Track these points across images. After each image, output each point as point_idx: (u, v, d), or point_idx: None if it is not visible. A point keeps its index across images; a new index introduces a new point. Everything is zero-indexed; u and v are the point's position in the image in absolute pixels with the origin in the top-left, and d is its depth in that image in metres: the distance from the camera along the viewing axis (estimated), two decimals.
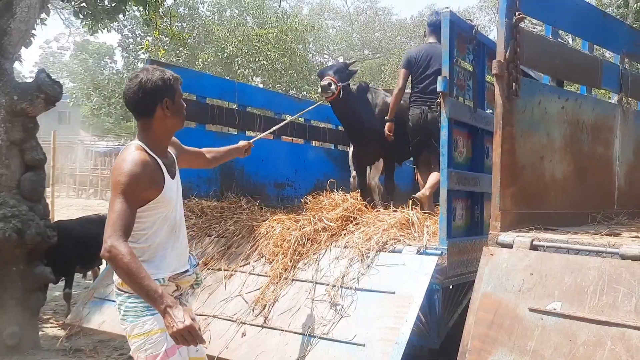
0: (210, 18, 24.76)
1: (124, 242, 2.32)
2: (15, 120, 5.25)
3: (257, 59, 21.75)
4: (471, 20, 3.74)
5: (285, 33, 22.64)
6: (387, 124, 5.09)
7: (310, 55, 26.44)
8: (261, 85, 22.88)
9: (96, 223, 6.91)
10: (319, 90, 4.93)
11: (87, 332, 4.35)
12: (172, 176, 2.67)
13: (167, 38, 11.73)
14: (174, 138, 2.84)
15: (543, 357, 2.57)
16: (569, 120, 3.48)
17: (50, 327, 6.37)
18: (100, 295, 4.09)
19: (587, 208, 3.67)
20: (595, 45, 4.06)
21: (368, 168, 5.56)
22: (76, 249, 6.25)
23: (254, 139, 3.53)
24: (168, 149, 2.75)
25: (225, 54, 21.73)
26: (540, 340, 2.61)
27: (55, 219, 12.13)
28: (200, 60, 21.67)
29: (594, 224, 3.55)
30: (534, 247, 2.85)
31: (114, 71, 30.69)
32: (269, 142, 6.24)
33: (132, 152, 2.52)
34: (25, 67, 73.14)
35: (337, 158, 6.79)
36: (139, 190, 2.42)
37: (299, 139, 6.59)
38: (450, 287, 3.43)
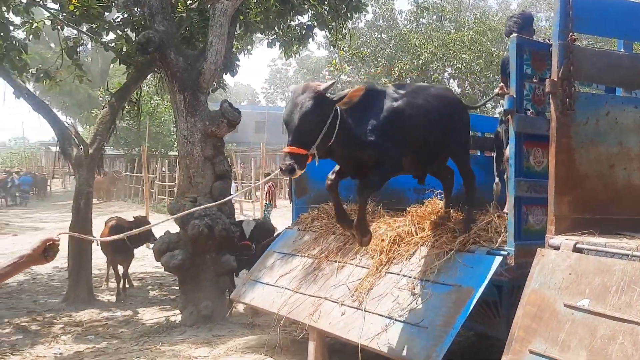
0: (407, 27, 25.62)
1: None
2: (207, 140, 6.72)
3: (452, 63, 22.00)
4: (548, 39, 3.91)
5: (481, 34, 22.47)
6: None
7: None
8: (458, 89, 22.98)
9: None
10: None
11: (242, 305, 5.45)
12: None
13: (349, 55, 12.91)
14: None
15: (569, 347, 2.86)
16: None
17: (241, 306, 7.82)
18: (254, 278, 5.18)
19: None
20: None
21: None
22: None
23: (61, 233, 2.64)
24: None
25: (420, 61, 22.38)
26: (569, 332, 2.90)
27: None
28: (396, 69, 22.68)
29: None
30: (577, 250, 3.10)
31: None
32: None
33: None
34: (257, 84, 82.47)
35: (483, 164, 7.02)
36: None
37: None
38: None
